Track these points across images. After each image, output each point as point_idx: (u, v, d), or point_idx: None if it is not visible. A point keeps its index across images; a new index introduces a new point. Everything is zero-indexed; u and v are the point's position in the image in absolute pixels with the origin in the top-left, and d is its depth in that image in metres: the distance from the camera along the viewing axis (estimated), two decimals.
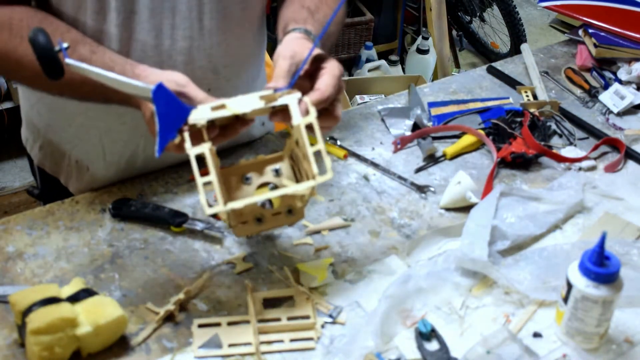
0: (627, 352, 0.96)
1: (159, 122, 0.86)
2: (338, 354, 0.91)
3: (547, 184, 1.25)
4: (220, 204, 0.87)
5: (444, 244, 1.12)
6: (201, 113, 0.89)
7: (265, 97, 0.92)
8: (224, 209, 0.86)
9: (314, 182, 0.89)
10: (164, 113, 0.86)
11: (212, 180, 0.87)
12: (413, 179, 1.26)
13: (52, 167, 1.28)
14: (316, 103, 0.93)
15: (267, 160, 1.02)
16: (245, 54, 1.21)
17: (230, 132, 0.96)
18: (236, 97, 0.91)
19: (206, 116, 0.89)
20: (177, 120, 0.88)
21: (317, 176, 0.89)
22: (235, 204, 0.87)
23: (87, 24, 1.05)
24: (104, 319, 0.90)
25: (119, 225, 1.14)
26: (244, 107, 0.91)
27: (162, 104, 0.86)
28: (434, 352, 0.94)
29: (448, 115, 1.43)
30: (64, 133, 1.22)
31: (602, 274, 0.90)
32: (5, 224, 1.13)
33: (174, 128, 0.88)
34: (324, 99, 0.95)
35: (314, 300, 1.01)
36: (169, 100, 0.86)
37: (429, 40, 3.14)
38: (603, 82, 1.57)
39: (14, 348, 0.93)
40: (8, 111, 2.68)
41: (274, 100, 0.92)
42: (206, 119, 0.89)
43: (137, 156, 1.22)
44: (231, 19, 1.13)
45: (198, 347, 0.94)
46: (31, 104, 1.25)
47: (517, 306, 1.02)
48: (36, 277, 1.04)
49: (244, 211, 0.96)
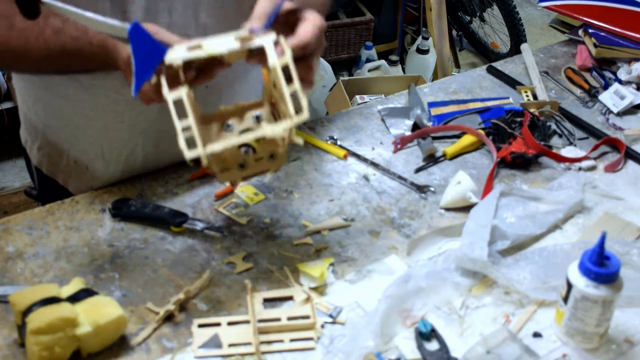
0: (627, 352, 0.96)
1: (135, 61, 0.86)
2: (338, 354, 0.91)
3: (547, 184, 1.25)
4: (200, 146, 0.86)
5: (444, 244, 1.12)
6: (177, 53, 0.89)
7: (241, 37, 0.91)
8: (203, 152, 0.86)
9: (291, 121, 0.88)
10: (139, 52, 0.86)
11: (190, 124, 0.86)
12: (413, 179, 1.26)
13: (49, 167, 1.28)
14: (294, 48, 0.91)
15: (247, 106, 1.00)
16: None
17: (207, 74, 0.95)
18: (212, 38, 0.91)
19: (182, 56, 0.89)
20: (153, 60, 0.87)
21: (294, 116, 0.88)
22: (213, 147, 0.87)
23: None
24: (104, 319, 0.90)
25: (119, 225, 1.14)
26: (220, 47, 0.90)
27: (138, 43, 0.86)
28: (434, 352, 0.94)
29: (448, 115, 1.43)
30: (62, 133, 1.22)
31: (602, 274, 0.90)
32: (5, 224, 1.13)
33: (151, 68, 0.87)
34: (302, 44, 0.92)
35: (314, 300, 1.01)
36: (145, 40, 0.86)
37: (429, 40, 3.14)
38: (603, 82, 1.57)
39: (14, 348, 0.93)
40: (8, 111, 2.68)
41: (249, 41, 0.91)
42: (182, 58, 0.89)
43: (136, 155, 1.22)
44: (227, 14, 1.13)
45: (198, 347, 0.94)
46: (28, 106, 1.25)
47: (517, 306, 1.02)
48: (36, 277, 1.04)
49: (225, 157, 0.95)
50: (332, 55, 3.19)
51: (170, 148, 1.23)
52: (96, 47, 1.00)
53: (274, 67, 0.90)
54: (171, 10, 1.07)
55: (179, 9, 1.08)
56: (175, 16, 1.08)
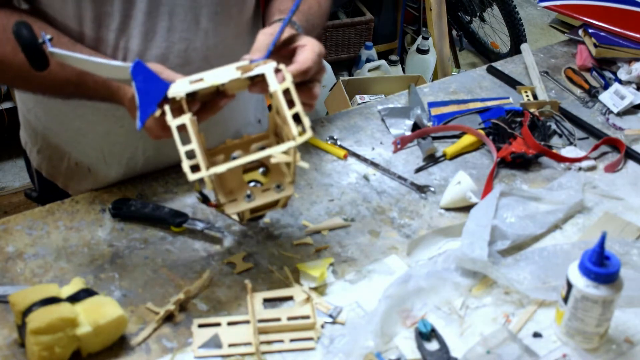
0: (627, 352, 0.96)
1: (139, 97, 0.88)
2: (338, 354, 0.91)
3: (547, 184, 1.25)
4: (203, 168, 0.88)
5: (444, 244, 1.12)
6: (180, 86, 0.91)
7: (242, 67, 0.93)
8: (207, 174, 0.87)
9: (294, 142, 0.90)
10: (143, 88, 0.88)
11: (194, 148, 0.88)
12: (413, 179, 1.26)
13: (49, 170, 1.28)
14: (295, 74, 0.94)
15: (253, 139, 1.03)
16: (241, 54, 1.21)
17: (212, 107, 0.97)
18: (213, 70, 0.93)
19: (185, 89, 0.91)
20: (156, 95, 0.90)
21: (297, 137, 0.89)
22: (217, 169, 0.88)
23: (84, 31, 1.05)
24: (104, 319, 0.90)
25: (119, 225, 1.14)
26: (221, 78, 0.92)
27: (141, 79, 0.89)
28: (434, 352, 0.94)
29: (448, 115, 1.43)
30: (63, 136, 1.22)
31: (602, 274, 0.90)
32: (5, 224, 1.13)
33: (154, 102, 0.90)
34: (303, 70, 0.95)
35: (314, 300, 1.01)
36: (147, 76, 0.89)
37: (429, 40, 3.14)
38: (603, 82, 1.57)
39: (14, 348, 0.93)
40: (8, 111, 2.68)
41: (250, 70, 0.93)
42: (185, 91, 0.91)
43: (137, 158, 1.22)
44: (228, 19, 1.13)
45: (198, 347, 0.94)
46: (28, 108, 1.25)
47: (517, 306, 1.02)
48: (36, 277, 1.04)
49: (232, 188, 0.97)
50: (332, 55, 3.19)
51: (171, 151, 1.23)
52: (100, 85, 1.02)
53: (275, 93, 0.92)
54: (172, 15, 1.07)
55: (180, 13, 1.08)
56: (175, 20, 1.08)
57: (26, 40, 0.85)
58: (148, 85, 0.89)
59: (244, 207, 0.98)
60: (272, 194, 0.98)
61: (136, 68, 0.88)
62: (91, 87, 1.03)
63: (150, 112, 0.89)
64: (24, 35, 0.85)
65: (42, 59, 0.87)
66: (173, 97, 0.91)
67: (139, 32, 1.06)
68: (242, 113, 1.28)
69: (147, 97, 0.89)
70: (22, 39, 0.85)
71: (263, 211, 1.03)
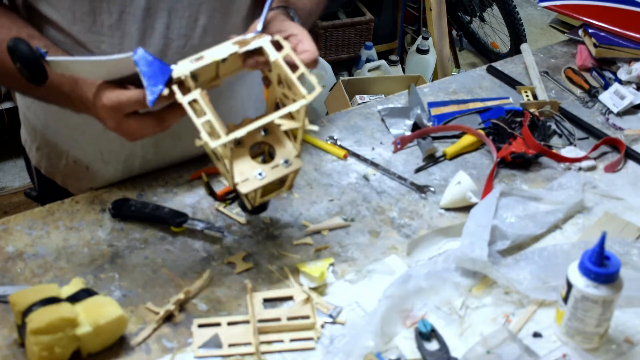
0: (627, 352, 0.96)
1: (145, 80, 0.90)
2: (338, 354, 0.91)
3: (547, 184, 1.25)
4: (222, 135, 0.89)
5: (444, 244, 1.12)
6: (183, 67, 0.93)
7: (239, 42, 0.95)
8: (227, 139, 0.89)
9: (305, 100, 0.91)
10: (148, 72, 0.90)
11: (210, 118, 0.90)
12: (413, 179, 1.26)
13: (48, 168, 1.28)
14: (309, 62, 0.96)
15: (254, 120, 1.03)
16: None
17: None
18: (211, 48, 0.95)
19: (188, 68, 0.93)
20: (162, 76, 0.92)
21: (307, 95, 0.91)
22: (237, 133, 0.90)
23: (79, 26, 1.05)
24: (104, 319, 0.90)
25: (119, 225, 1.14)
26: (221, 53, 0.94)
27: (144, 64, 0.90)
28: (434, 352, 0.94)
29: (448, 115, 1.43)
30: (61, 133, 1.22)
31: (602, 274, 0.90)
32: (5, 224, 1.13)
33: (161, 82, 0.91)
34: (315, 57, 0.97)
35: (314, 300, 1.01)
36: (150, 61, 0.91)
37: (429, 40, 3.14)
38: (603, 82, 1.57)
39: (14, 348, 0.93)
40: (8, 111, 2.69)
41: (247, 44, 0.95)
42: (189, 69, 0.92)
43: (135, 156, 1.22)
44: (226, 16, 1.13)
45: (198, 347, 0.94)
46: (27, 105, 1.25)
47: (517, 306, 1.02)
48: (36, 277, 1.04)
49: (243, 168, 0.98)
50: (332, 55, 3.19)
51: (169, 149, 1.23)
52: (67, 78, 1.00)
53: (276, 61, 0.93)
54: (171, 12, 1.07)
55: (178, 10, 1.08)
56: (174, 17, 1.08)
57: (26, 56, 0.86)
58: (151, 68, 0.91)
59: (258, 185, 0.99)
60: (282, 169, 1.00)
61: (138, 55, 0.90)
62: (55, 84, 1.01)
63: (159, 90, 0.91)
64: (23, 51, 0.86)
65: (42, 73, 0.88)
66: (178, 77, 0.92)
67: (136, 29, 1.06)
68: (241, 113, 1.28)
69: (153, 80, 0.91)
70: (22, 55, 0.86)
71: (271, 194, 1.03)
